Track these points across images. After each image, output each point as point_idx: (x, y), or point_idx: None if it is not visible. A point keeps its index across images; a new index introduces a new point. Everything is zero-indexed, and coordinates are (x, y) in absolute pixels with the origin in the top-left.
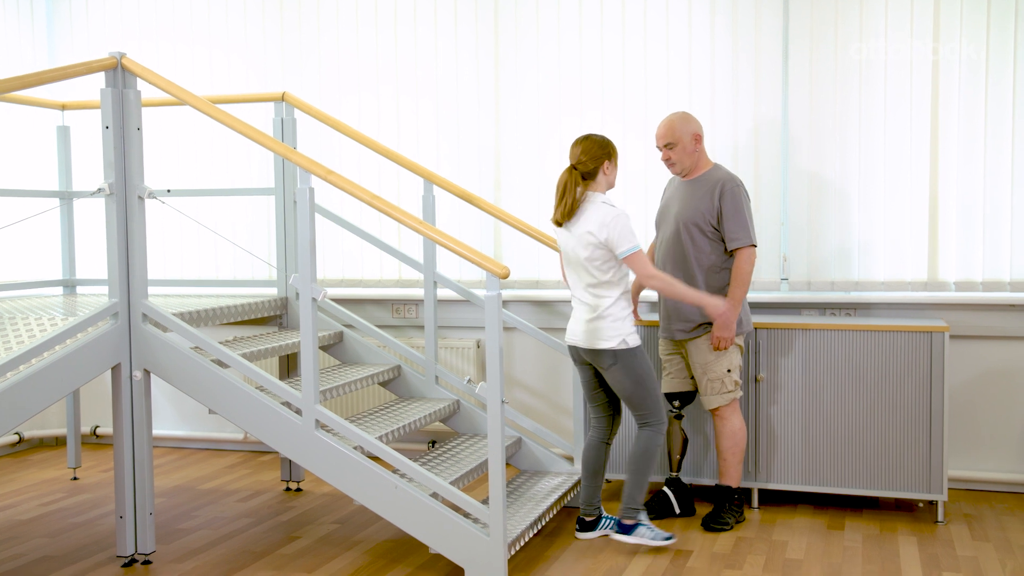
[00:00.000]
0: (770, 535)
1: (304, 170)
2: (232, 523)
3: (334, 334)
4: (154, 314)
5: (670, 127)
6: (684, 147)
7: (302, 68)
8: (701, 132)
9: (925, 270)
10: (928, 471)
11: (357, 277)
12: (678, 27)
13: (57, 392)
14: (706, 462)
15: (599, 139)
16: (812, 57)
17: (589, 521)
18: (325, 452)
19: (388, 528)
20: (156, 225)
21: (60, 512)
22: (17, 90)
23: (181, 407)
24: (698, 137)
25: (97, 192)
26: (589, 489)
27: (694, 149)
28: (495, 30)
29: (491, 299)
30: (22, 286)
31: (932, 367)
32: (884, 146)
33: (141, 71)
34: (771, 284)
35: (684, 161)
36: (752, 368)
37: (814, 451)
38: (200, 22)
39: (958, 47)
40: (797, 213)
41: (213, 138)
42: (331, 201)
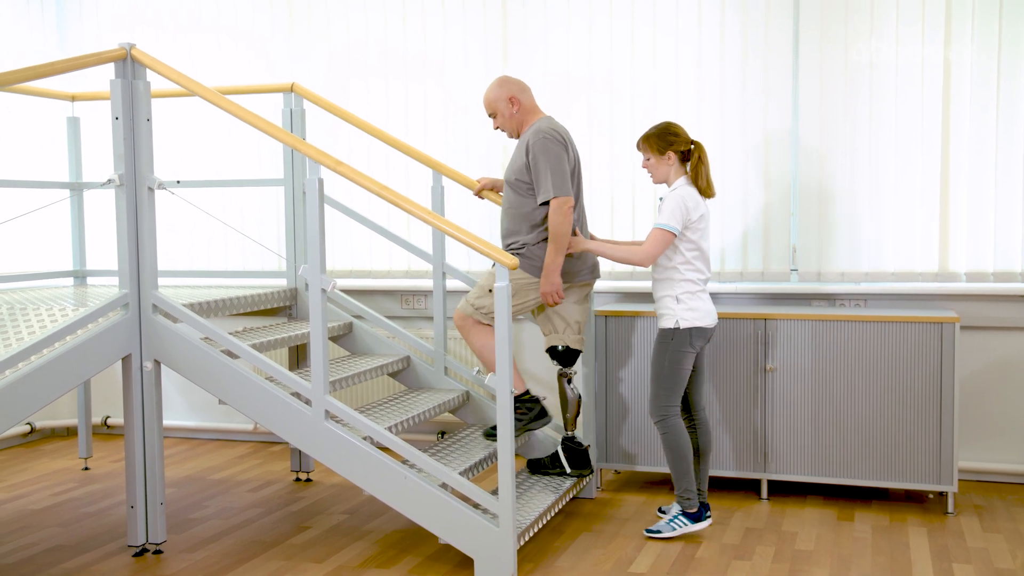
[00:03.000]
0: (780, 526)
1: (313, 161)
2: (242, 513)
3: (343, 325)
4: (164, 305)
5: (486, 98)
6: (503, 113)
7: (310, 57)
8: (517, 93)
9: (936, 261)
10: (938, 462)
11: (366, 268)
12: (687, 19)
13: (68, 382)
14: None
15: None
16: (823, 49)
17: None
18: (335, 443)
19: (398, 518)
20: (166, 216)
21: (72, 502)
22: (27, 81)
23: (191, 397)
24: (513, 99)
25: (107, 183)
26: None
27: (512, 112)
28: (503, 22)
29: (501, 290)
30: (33, 277)
31: (943, 358)
32: (895, 136)
33: (151, 62)
34: (781, 275)
35: (507, 126)
36: (762, 359)
37: (824, 442)
38: (209, 10)
39: (969, 32)
40: (807, 204)
41: (222, 129)
42: (340, 192)
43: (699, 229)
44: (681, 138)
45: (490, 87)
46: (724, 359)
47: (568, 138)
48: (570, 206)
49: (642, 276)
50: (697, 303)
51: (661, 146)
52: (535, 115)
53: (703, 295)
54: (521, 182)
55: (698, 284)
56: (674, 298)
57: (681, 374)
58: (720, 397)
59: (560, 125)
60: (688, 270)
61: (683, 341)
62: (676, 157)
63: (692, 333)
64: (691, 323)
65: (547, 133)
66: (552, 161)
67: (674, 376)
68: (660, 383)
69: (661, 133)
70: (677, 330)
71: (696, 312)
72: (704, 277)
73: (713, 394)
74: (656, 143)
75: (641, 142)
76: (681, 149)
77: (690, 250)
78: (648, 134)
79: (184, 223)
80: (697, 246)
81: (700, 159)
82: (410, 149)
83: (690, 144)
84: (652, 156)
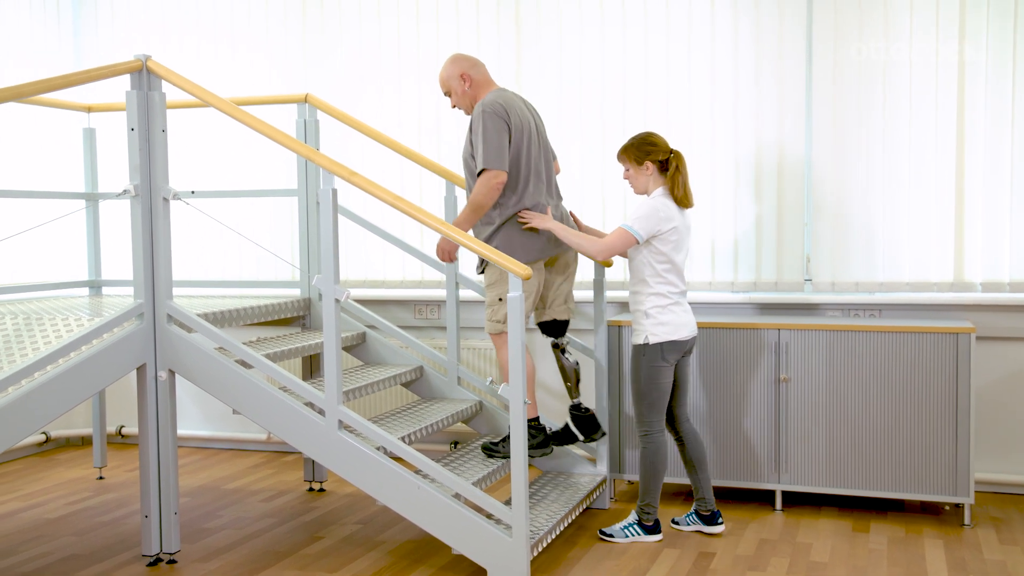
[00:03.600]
0: (794, 537)
1: (327, 171)
2: (256, 523)
3: (357, 335)
4: (179, 315)
5: (440, 78)
6: (456, 91)
7: (324, 66)
8: (468, 69)
9: (951, 271)
10: (954, 473)
11: (380, 278)
12: (700, 31)
13: (84, 392)
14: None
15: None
16: (836, 56)
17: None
18: (348, 452)
19: (411, 528)
20: (180, 226)
21: (86, 511)
22: (44, 93)
23: (205, 407)
24: (465, 76)
25: (123, 194)
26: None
27: (464, 89)
28: (516, 32)
29: (514, 300)
30: (49, 287)
31: (958, 369)
32: (909, 145)
33: (166, 73)
34: (795, 285)
35: (462, 103)
36: (776, 369)
37: (839, 453)
38: (223, 20)
39: (984, 44)
40: (821, 213)
41: (237, 139)
42: (354, 202)
43: (671, 241)
44: (659, 148)
45: (443, 66)
46: (738, 369)
47: (513, 110)
48: (499, 180)
49: None
50: (668, 317)
51: (639, 156)
52: (487, 89)
53: (676, 308)
54: (473, 159)
55: (670, 297)
56: (643, 313)
57: (660, 389)
58: (734, 407)
59: (509, 96)
60: (659, 283)
61: (655, 356)
62: (655, 167)
63: (663, 348)
64: (661, 338)
65: (487, 106)
66: (488, 134)
67: (652, 392)
68: (640, 400)
69: (639, 144)
70: (647, 346)
71: (667, 327)
72: (677, 290)
73: (727, 404)
74: (634, 153)
75: (620, 153)
76: (659, 159)
77: (661, 262)
78: (626, 145)
79: (199, 233)
80: (669, 259)
81: (678, 168)
82: (423, 159)
83: (668, 153)
84: (631, 167)
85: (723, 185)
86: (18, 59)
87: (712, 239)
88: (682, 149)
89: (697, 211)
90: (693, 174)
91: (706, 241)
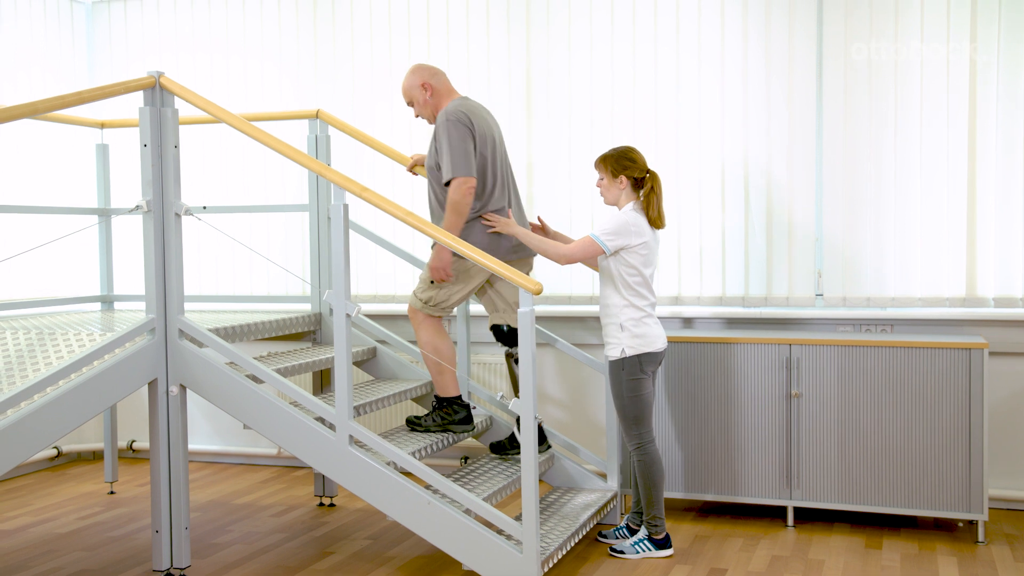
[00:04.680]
0: (806, 553)
1: (338, 187)
2: (266, 538)
3: (367, 350)
4: (190, 330)
5: (402, 88)
6: (418, 100)
7: (335, 81)
8: (428, 78)
9: (963, 286)
10: (968, 490)
11: (390, 293)
12: (710, 40)
13: (95, 407)
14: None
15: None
16: (846, 73)
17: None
18: (358, 468)
19: (421, 544)
20: (192, 241)
21: (97, 526)
22: (58, 109)
23: (216, 422)
24: (426, 85)
25: (135, 209)
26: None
27: (426, 98)
28: (526, 47)
29: (524, 315)
30: (61, 302)
31: (971, 384)
32: (920, 160)
33: (179, 90)
34: (806, 300)
35: (424, 112)
36: (788, 384)
37: (851, 469)
38: (236, 35)
39: (995, 60)
40: (832, 228)
41: (249, 155)
42: (365, 216)
43: (641, 255)
44: (637, 165)
45: (404, 79)
46: (749, 385)
47: (476, 118)
48: (470, 186)
49: (665, 301)
50: (643, 329)
51: (615, 169)
52: (449, 98)
53: (649, 320)
54: (437, 167)
55: (643, 310)
56: (618, 326)
57: (644, 399)
58: (746, 423)
59: (471, 105)
60: (632, 296)
61: (634, 368)
62: (628, 183)
63: (641, 360)
64: (637, 350)
65: (450, 114)
66: (453, 142)
67: (637, 404)
68: (626, 414)
69: (618, 156)
70: (625, 359)
71: (642, 339)
72: (649, 303)
73: (739, 420)
74: (611, 165)
75: (598, 162)
76: (635, 176)
77: (632, 275)
78: (605, 155)
79: (210, 248)
80: (639, 272)
81: (653, 189)
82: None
83: (645, 172)
84: (605, 177)
85: (733, 199)
86: (33, 73)
87: (723, 254)
88: (691, 163)
89: (708, 226)
90: (703, 189)
91: (717, 256)
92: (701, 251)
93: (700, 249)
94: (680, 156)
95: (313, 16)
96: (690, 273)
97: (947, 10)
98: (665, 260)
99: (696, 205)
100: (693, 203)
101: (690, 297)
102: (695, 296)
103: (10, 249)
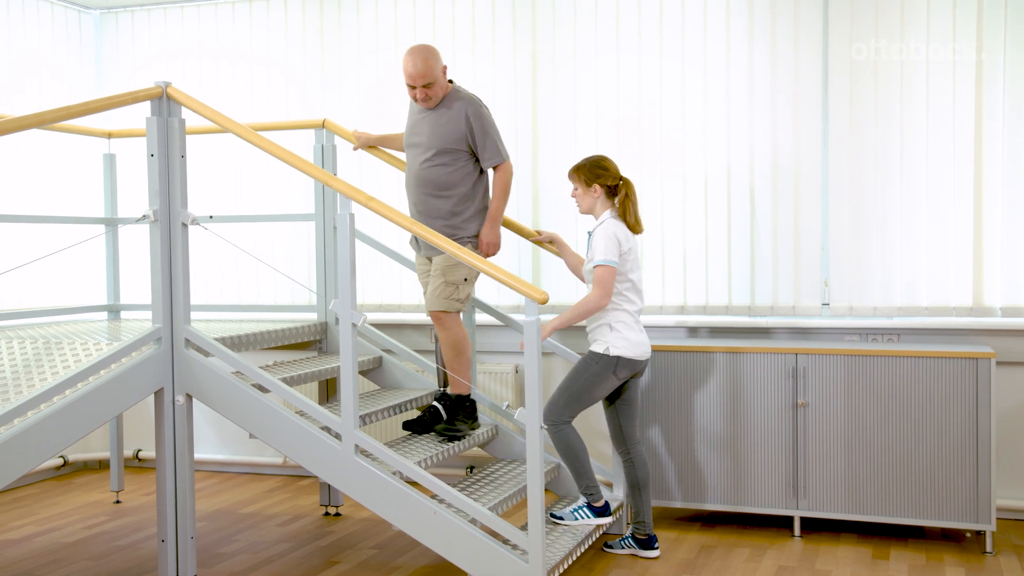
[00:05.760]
0: (813, 564)
1: (344, 196)
2: (272, 547)
3: (373, 359)
4: (196, 339)
5: (427, 66)
6: (439, 82)
7: (342, 89)
8: (443, 62)
9: (970, 295)
10: (976, 500)
11: (396, 302)
12: (715, 50)
13: (101, 417)
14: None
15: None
16: (852, 84)
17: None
18: (364, 477)
19: (427, 554)
20: (198, 251)
21: (103, 535)
22: (66, 120)
23: (222, 431)
24: (445, 69)
25: (142, 219)
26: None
27: (444, 82)
28: (532, 57)
29: (530, 324)
30: (68, 311)
31: (979, 394)
32: (926, 168)
33: (186, 100)
34: (812, 310)
35: (438, 95)
36: (794, 394)
37: (858, 479)
38: (242, 44)
39: (1001, 69)
40: (838, 238)
41: (255, 164)
42: (370, 226)
43: (629, 261)
44: (610, 173)
45: (423, 57)
46: (756, 394)
47: None
48: (512, 168)
49: (671, 310)
50: (631, 334)
51: (589, 178)
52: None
53: (636, 326)
54: (459, 151)
55: (632, 315)
56: (608, 326)
57: (591, 395)
58: (752, 432)
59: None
60: (622, 301)
61: (607, 367)
62: (602, 191)
63: (619, 362)
64: (621, 352)
65: (480, 101)
66: (494, 128)
67: (582, 394)
68: (566, 393)
69: (591, 166)
70: (606, 356)
71: (628, 343)
72: (637, 308)
73: (745, 429)
74: (585, 174)
75: (571, 172)
76: (608, 183)
77: (622, 282)
78: (578, 165)
79: (217, 258)
80: (627, 278)
81: (628, 196)
82: None
83: (618, 180)
84: (579, 187)
85: (739, 209)
86: (42, 83)
87: (729, 263)
88: (697, 172)
89: (714, 236)
90: (709, 198)
91: (723, 265)
92: (707, 260)
93: (706, 258)
94: (686, 164)
95: (319, 26)
96: (696, 282)
97: (952, 16)
98: (670, 269)
99: (702, 214)
100: (699, 212)
101: (696, 306)
102: (701, 305)
103: (18, 258)
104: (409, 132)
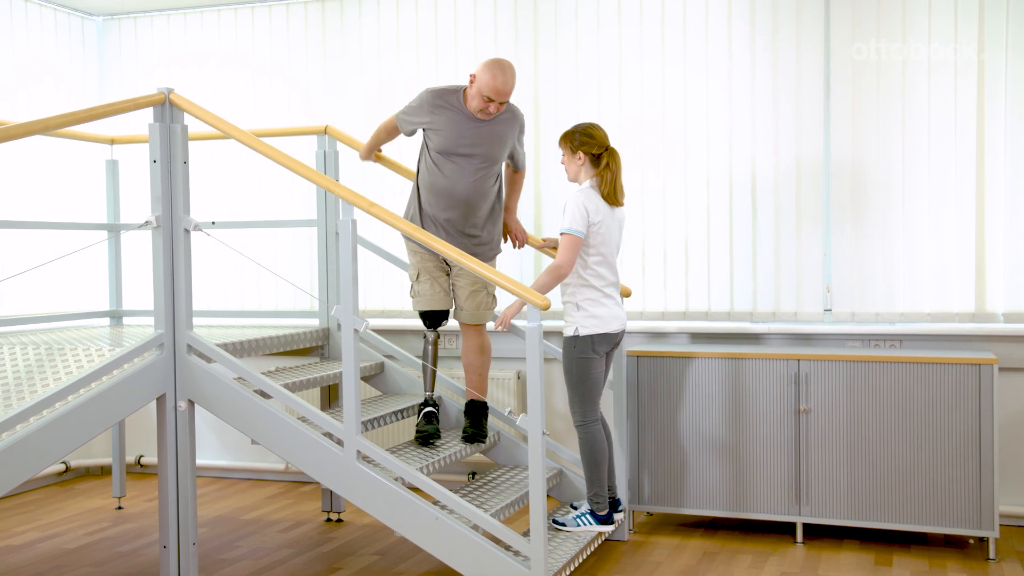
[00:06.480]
0: (816, 570)
1: (347, 202)
2: (273, 553)
3: (375, 365)
4: (199, 345)
5: (511, 87)
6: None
7: (344, 95)
8: None
9: (972, 301)
10: (978, 507)
11: (398, 308)
12: (717, 55)
13: (104, 422)
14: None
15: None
16: (854, 90)
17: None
18: (366, 483)
19: (429, 560)
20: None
21: (105, 541)
22: (69, 126)
23: (224, 437)
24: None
25: (144, 225)
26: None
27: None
28: (535, 62)
29: (532, 330)
30: (70, 317)
31: (981, 400)
32: (928, 174)
33: (188, 106)
34: (814, 315)
35: (498, 110)
36: (796, 400)
37: (860, 485)
38: (245, 50)
39: (1003, 74)
40: (840, 243)
41: (257, 170)
42: (373, 231)
43: (598, 234)
44: (595, 141)
45: (514, 75)
46: (758, 400)
47: None
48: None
49: (674, 316)
50: (599, 310)
51: (574, 145)
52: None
53: (607, 300)
54: (505, 158)
55: (601, 290)
56: (575, 305)
57: (592, 380)
58: (754, 438)
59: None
60: (590, 275)
61: (585, 348)
62: (587, 159)
63: (594, 340)
64: (591, 330)
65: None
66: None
67: (585, 383)
68: (574, 391)
69: (577, 133)
70: (578, 338)
71: (597, 319)
72: (607, 282)
73: (747, 435)
74: (570, 141)
75: (560, 139)
76: (593, 152)
77: (591, 255)
78: (566, 132)
79: (219, 264)
80: (598, 251)
81: (608, 165)
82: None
83: (603, 148)
84: (566, 153)
85: (741, 214)
86: (44, 89)
87: (731, 269)
88: (699, 177)
89: (716, 241)
90: (711, 203)
91: (725, 271)
92: (709, 266)
93: (708, 264)
94: (688, 169)
95: (322, 32)
96: (698, 288)
97: (954, 16)
98: (673, 275)
99: (704, 219)
100: (701, 217)
101: (698, 312)
102: (703, 311)
103: (20, 264)
104: (455, 142)
